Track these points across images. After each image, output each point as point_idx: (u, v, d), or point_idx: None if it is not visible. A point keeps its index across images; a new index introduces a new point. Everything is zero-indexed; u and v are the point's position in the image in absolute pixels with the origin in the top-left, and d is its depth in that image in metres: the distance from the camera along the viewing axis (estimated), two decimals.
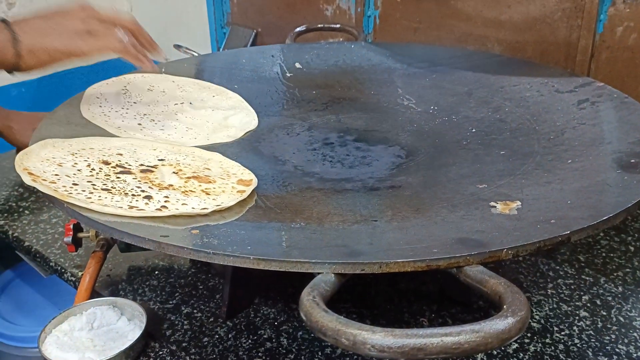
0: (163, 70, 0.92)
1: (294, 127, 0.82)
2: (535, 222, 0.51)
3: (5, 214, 0.89)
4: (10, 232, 0.85)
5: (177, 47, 1.33)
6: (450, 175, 0.67)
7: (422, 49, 1.04)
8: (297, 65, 0.99)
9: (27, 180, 0.55)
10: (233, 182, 0.62)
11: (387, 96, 0.90)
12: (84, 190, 0.55)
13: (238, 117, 0.82)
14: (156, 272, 0.75)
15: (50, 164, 0.59)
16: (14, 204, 0.92)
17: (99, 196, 0.54)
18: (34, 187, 0.55)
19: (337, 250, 0.48)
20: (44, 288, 1.04)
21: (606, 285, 0.70)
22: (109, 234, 0.53)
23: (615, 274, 0.72)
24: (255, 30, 1.33)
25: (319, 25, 1.15)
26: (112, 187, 0.57)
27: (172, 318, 0.67)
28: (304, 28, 1.11)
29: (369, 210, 0.59)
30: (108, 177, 0.59)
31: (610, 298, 0.68)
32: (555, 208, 0.54)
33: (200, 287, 0.72)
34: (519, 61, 0.96)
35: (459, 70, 0.92)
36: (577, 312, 0.66)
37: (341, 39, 1.17)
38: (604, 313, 0.66)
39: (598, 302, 0.68)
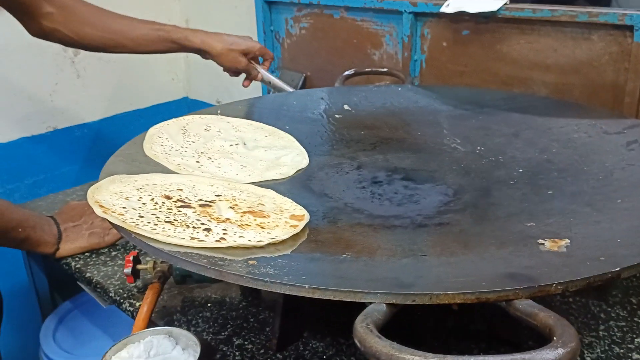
0: (219, 112, 0.97)
1: (343, 166, 0.85)
2: (584, 259, 0.52)
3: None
4: (73, 264, 0.90)
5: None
6: (497, 214, 0.68)
7: (468, 91, 1.06)
8: (346, 107, 1.02)
9: (99, 212, 0.59)
10: (286, 217, 0.64)
11: (433, 137, 0.92)
12: (149, 222, 0.59)
13: (290, 156, 0.85)
14: (209, 305, 0.78)
15: (118, 198, 0.64)
16: None
17: (163, 228, 0.58)
18: None
19: (388, 281, 0.50)
20: (100, 319, 1.08)
21: None
22: (174, 262, 0.56)
23: None
24: (304, 74, 1.38)
25: (367, 69, 1.19)
26: (174, 219, 0.60)
27: (224, 349, 0.69)
28: (352, 72, 1.15)
29: (418, 246, 0.60)
30: (170, 210, 0.63)
31: None
32: (604, 246, 0.55)
33: (251, 319, 0.75)
34: (566, 103, 0.97)
35: (505, 112, 0.94)
36: (630, 354, 0.65)
37: (388, 83, 1.21)
38: None
39: None
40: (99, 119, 1.57)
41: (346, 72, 1.14)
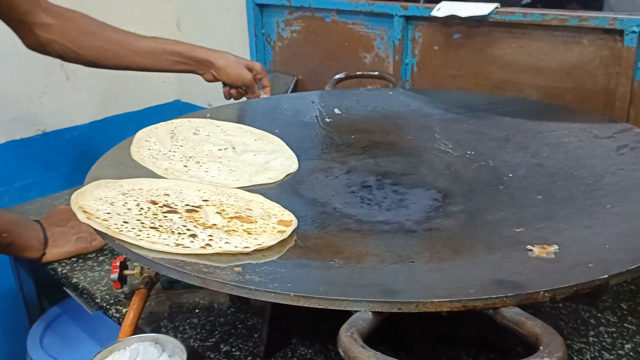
0: (208, 115, 0.96)
1: (333, 170, 0.84)
2: (573, 265, 0.51)
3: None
4: (59, 269, 0.89)
5: None
6: (487, 219, 0.68)
7: (459, 95, 1.06)
8: (337, 110, 1.02)
9: (82, 217, 0.58)
10: (274, 223, 0.64)
11: (424, 141, 0.92)
12: (133, 228, 0.58)
13: (279, 160, 0.84)
14: (197, 310, 0.77)
15: (103, 203, 0.63)
16: None
17: (148, 234, 0.57)
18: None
19: (374, 289, 0.49)
20: (88, 325, 1.07)
21: None
22: (157, 269, 0.55)
23: None
24: (296, 78, 1.37)
25: (358, 73, 1.19)
26: (159, 225, 0.60)
27: (211, 356, 0.69)
28: (344, 75, 1.15)
29: (407, 252, 0.60)
30: (156, 216, 0.62)
31: None
32: (594, 252, 0.54)
33: (239, 326, 0.74)
34: (557, 107, 0.97)
35: (497, 116, 0.94)
36: None
37: (380, 86, 1.20)
38: None
39: None
40: (89, 122, 1.55)
41: (337, 76, 1.14)
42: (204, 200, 0.68)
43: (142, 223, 0.60)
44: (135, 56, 1.05)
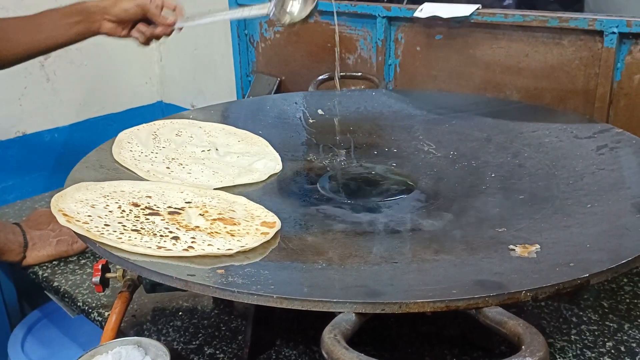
0: (191, 116, 0.95)
1: (317, 171, 0.84)
2: (554, 265, 0.52)
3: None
4: (40, 273, 0.88)
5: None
6: (469, 219, 0.68)
7: (441, 96, 1.07)
8: (320, 111, 1.02)
9: (62, 221, 0.57)
10: (257, 224, 0.63)
11: (407, 142, 0.92)
12: (115, 231, 0.57)
13: (262, 161, 0.84)
14: (180, 313, 0.77)
15: (84, 206, 0.62)
16: None
17: (129, 237, 0.57)
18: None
19: (357, 290, 0.49)
20: (69, 328, 1.06)
21: (630, 331, 0.70)
22: (138, 272, 0.55)
23: (639, 320, 0.72)
24: (279, 78, 1.37)
25: (341, 74, 1.19)
26: (141, 228, 0.59)
27: (195, 358, 0.68)
28: (326, 76, 1.15)
29: (390, 252, 0.60)
30: (138, 218, 0.62)
31: (634, 344, 0.67)
32: (574, 251, 0.55)
33: (223, 328, 0.73)
34: (538, 108, 0.98)
35: (478, 117, 0.94)
36: (602, 358, 0.66)
37: (362, 87, 1.20)
38: None
39: (622, 348, 0.67)
40: (70, 123, 1.53)
41: (320, 77, 1.14)
42: (186, 202, 0.68)
43: (123, 226, 0.59)
44: (28, 35, 0.95)
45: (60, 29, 0.96)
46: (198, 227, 0.61)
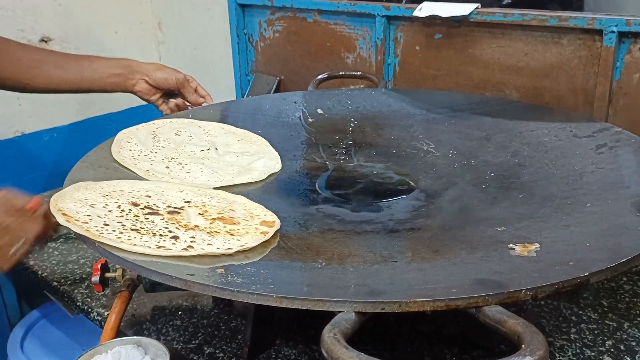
0: (190, 115, 0.95)
1: (316, 170, 0.84)
2: (553, 264, 0.52)
3: (35, 254, 0.92)
4: (39, 272, 0.88)
5: None
6: (469, 218, 0.68)
7: (441, 95, 1.07)
8: (319, 111, 1.02)
9: (61, 220, 0.57)
10: (256, 224, 0.63)
11: (407, 141, 0.92)
12: (114, 231, 0.57)
13: (262, 160, 0.84)
14: (180, 312, 0.76)
15: (83, 205, 0.62)
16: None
17: (129, 236, 0.57)
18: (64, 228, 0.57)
19: (357, 289, 0.49)
20: (69, 328, 1.06)
21: (630, 330, 0.70)
22: (138, 272, 0.55)
23: (639, 319, 0.72)
24: (278, 78, 1.37)
25: (340, 73, 1.19)
26: (140, 227, 0.59)
27: (194, 358, 0.68)
28: (326, 75, 1.15)
29: (389, 252, 0.60)
30: (137, 218, 0.62)
31: (634, 343, 0.67)
32: (574, 250, 0.55)
33: (223, 327, 0.73)
34: (537, 107, 0.98)
35: (478, 116, 0.94)
36: (601, 357, 0.66)
37: (362, 86, 1.20)
38: (628, 358, 0.65)
39: (622, 347, 0.67)
40: (69, 123, 1.53)
41: (320, 76, 1.14)
42: (186, 202, 0.68)
43: (123, 225, 0.59)
44: (63, 73, 0.98)
45: (98, 76, 1.01)
46: (197, 226, 0.61)
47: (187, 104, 1.05)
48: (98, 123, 1.59)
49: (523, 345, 0.39)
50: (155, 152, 0.82)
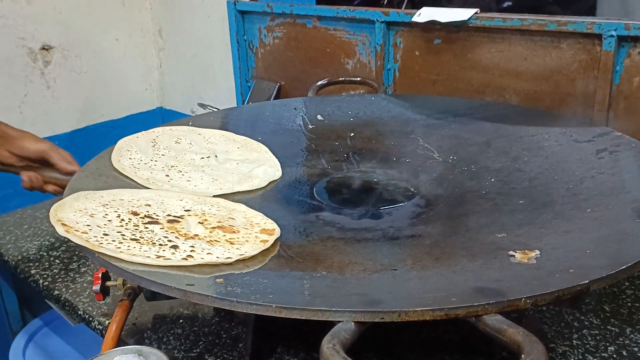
0: (190, 123, 0.95)
1: (316, 177, 0.84)
2: (554, 271, 0.52)
3: (37, 263, 0.92)
4: (40, 281, 0.88)
5: (202, 105, 1.38)
6: (469, 225, 0.68)
7: (441, 100, 1.06)
8: (319, 117, 1.02)
9: (61, 231, 0.57)
10: (256, 232, 0.63)
11: (407, 146, 0.92)
12: (114, 240, 0.57)
13: (262, 168, 0.84)
14: (181, 321, 0.76)
15: (83, 215, 0.62)
16: (45, 254, 0.95)
17: (128, 246, 0.57)
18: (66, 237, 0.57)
19: (357, 298, 0.49)
20: (70, 337, 1.06)
21: (632, 335, 0.69)
22: (137, 282, 0.55)
23: None
24: (278, 84, 1.37)
25: (340, 79, 1.19)
26: (140, 237, 0.59)
27: None
28: (326, 81, 1.15)
29: (389, 259, 0.60)
30: (137, 227, 0.62)
31: (637, 349, 0.67)
32: (574, 257, 0.55)
33: (224, 335, 0.73)
34: (537, 111, 0.98)
35: (478, 121, 0.94)
36: None
37: (362, 92, 1.20)
38: None
39: (624, 353, 0.67)
40: (70, 130, 1.54)
41: (319, 82, 1.14)
42: (186, 210, 0.68)
43: (122, 235, 0.59)
44: None
45: None
46: (197, 235, 0.61)
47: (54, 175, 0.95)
48: (99, 130, 1.60)
49: (523, 355, 0.39)
50: (155, 161, 0.82)
